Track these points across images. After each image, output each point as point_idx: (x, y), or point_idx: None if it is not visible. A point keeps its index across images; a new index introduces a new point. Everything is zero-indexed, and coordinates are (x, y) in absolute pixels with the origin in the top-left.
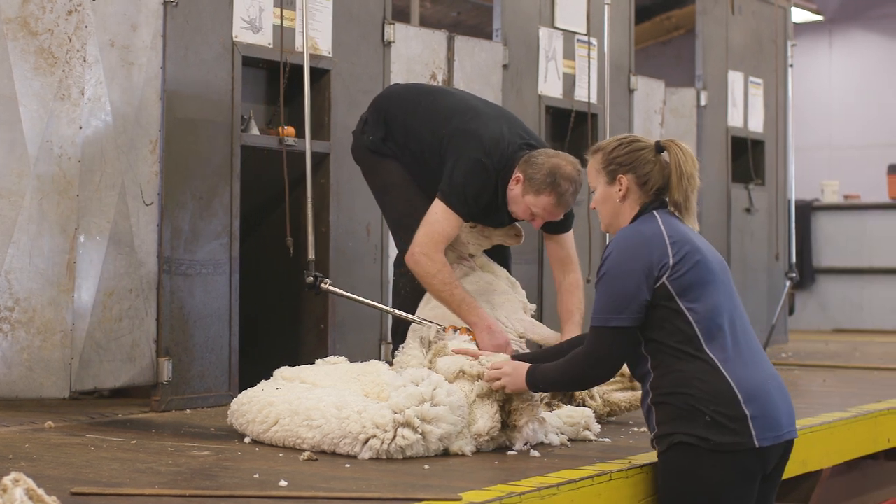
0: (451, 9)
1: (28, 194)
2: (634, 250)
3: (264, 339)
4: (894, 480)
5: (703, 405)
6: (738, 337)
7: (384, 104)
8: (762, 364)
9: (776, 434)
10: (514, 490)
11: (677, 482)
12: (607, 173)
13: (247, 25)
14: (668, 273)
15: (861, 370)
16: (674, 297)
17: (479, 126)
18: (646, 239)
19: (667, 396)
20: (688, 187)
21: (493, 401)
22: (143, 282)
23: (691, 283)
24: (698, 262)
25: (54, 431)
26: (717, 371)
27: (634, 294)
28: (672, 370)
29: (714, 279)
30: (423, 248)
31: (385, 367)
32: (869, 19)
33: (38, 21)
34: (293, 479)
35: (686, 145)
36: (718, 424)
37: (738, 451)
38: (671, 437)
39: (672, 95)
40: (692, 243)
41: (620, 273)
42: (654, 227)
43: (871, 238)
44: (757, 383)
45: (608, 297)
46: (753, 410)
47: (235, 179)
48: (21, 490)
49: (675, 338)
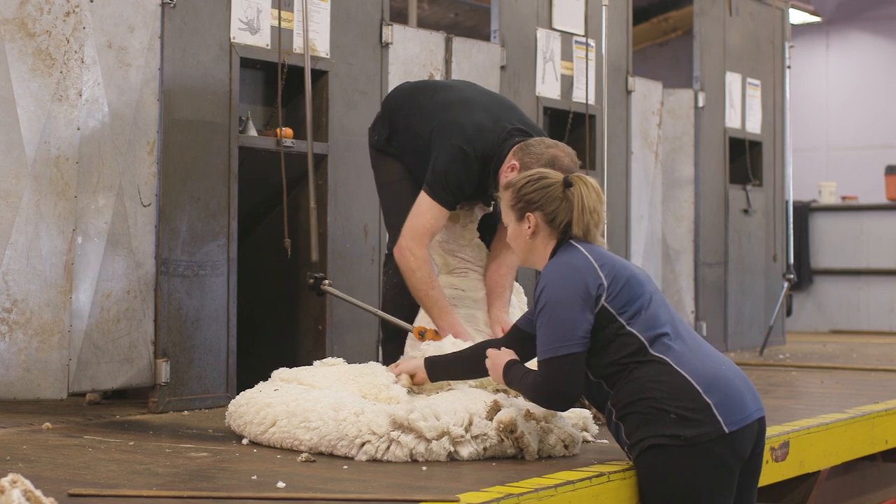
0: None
1: (26, 195)
2: (568, 279)
3: (262, 340)
4: (892, 482)
5: (666, 404)
6: (682, 335)
7: (390, 103)
8: (711, 354)
9: (743, 416)
10: (512, 492)
11: (655, 485)
12: (516, 211)
13: (245, 26)
14: (605, 294)
15: (858, 371)
16: (615, 317)
17: (464, 116)
18: (576, 268)
19: (629, 407)
20: (589, 221)
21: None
22: (140, 283)
23: (627, 300)
24: (628, 280)
25: (52, 433)
26: (669, 368)
27: (578, 319)
28: (627, 381)
29: (644, 291)
30: (407, 241)
31: (383, 369)
32: (866, 20)
33: (35, 22)
34: (291, 481)
35: (593, 181)
36: (685, 419)
37: (710, 440)
38: (641, 443)
39: (670, 97)
40: (618, 264)
41: (560, 302)
42: (580, 256)
43: (868, 239)
44: (711, 371)
45: (553, 327)
46: (715, 398)
47: (233, 181)
48: (19, 491)
49: (623, 353)
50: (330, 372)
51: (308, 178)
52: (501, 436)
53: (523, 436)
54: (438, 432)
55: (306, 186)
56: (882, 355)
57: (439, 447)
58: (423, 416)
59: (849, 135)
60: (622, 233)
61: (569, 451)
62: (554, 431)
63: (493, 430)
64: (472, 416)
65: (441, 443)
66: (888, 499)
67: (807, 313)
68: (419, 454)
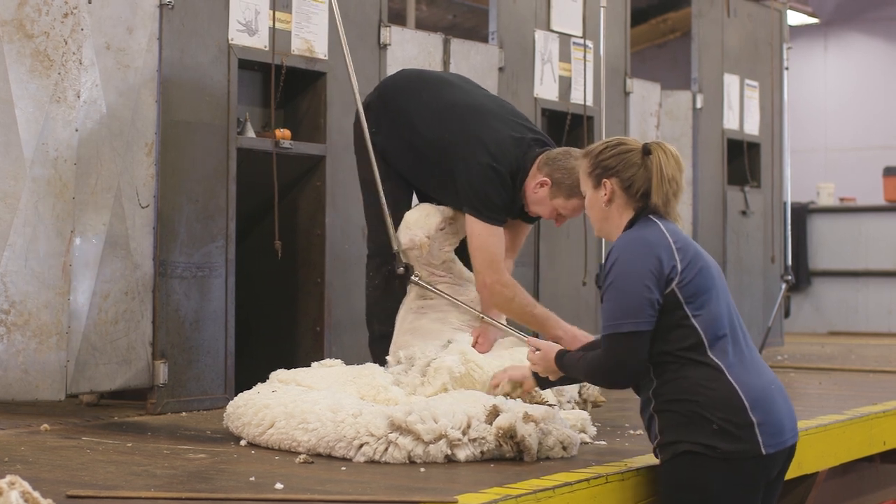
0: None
1: (24, 197)
2: (642, 254)
3: (260, 341)
4: (890, 483)
5: (710, 412)
6: (739, 342)
7: (387, 91)
8: (763, 369)
9: (781, 440)
10: (510, 493)
11: (681, 492)
12: (594, 178)
13: (243, 28)
14: (678, 279)
15: (856, 373)
16: (682, 305)
17: (483, 130)
18: (651, 243)
19: (670, 404)
20: (668, 191)
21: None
22: (138, 284)
23: (697, 290)
24: (702, 269)
25: (50, 434)
26: (722, 377)
27: (646, 296)
28: (676, 377)
29: (714, 285)
30: (491, 276)
31: (380, 370)
32: (864, 22)
33: (33, 24)
34: (289, 482)
35: (672, 148)
36: (726, 432)
37: (745, 459)
38: (675, 445)
39: (668, 98)
40: (695, 249)
41: (630, 277)
42: (657, 232)
43: (866, 240)
44: (760, 389)
45: (619, 301)
46: (759, 417)
47: (231, 182)
48: (17, 493)
49: (680, 345)
50: (328, 373)
51: (306, 180)
52: (500, 441)
53: (524, 439)
54: (436, 435)
55: (304, 188)
56: (880, 357)
57: (437, 450)
58: (421, 418)
59: (847, 136)
60: None
61: (567, 452)
62: (553, 433)
63: (491, 435)
64: (470, 419)
65: (438, 445)
66: (886, 499)
67: (805, 315)
68: (417, 456)
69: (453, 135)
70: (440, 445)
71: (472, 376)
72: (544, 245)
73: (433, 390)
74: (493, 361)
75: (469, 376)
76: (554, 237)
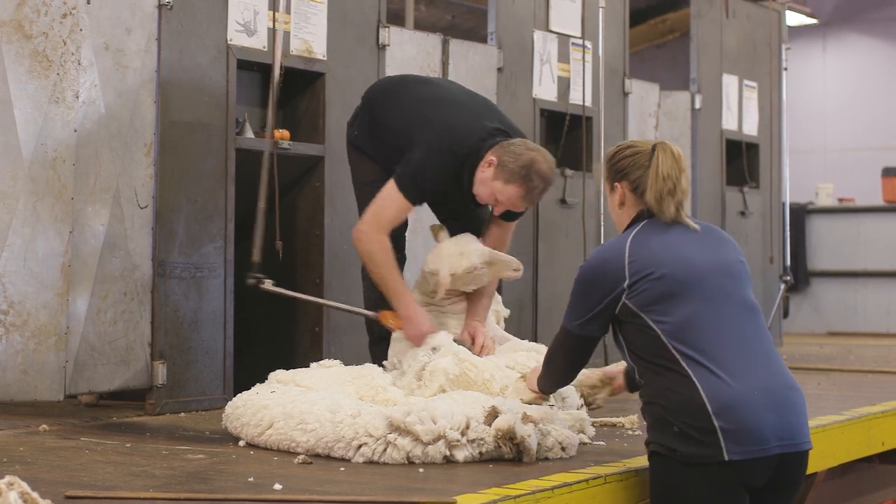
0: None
1: (22, 197)
2: (594, 272)
3: (259, 342)
4: (889, 483)
5: (672, 416)
6: (720, 348)
7: (371, 96)
8: (750, 376)
9: (755, 448)
10: (509, 493)
11: (657, 489)
12: (609, 182)
13: (241, 28)
14: (626, 293)
15: (855, 373)
16: (638, 314)
17: (444, 114)
18: (605, 263)
19: (647, 406)
20: (662, 188)
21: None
22: (137, 285)
23: (655, 298)
24: (663, 276)
25: (49, 435)
26: (689, 382)
27: (588, 312)
28: (651, 381)
29: (684, 291)
30: (366, 225)
31: (379, 371)
32: (863, 22)
33: (32, 24)
34: (288, 483)
35: (676, 148)
36: (686, 436)
37: (707, 464)
38: (649, 445)
39: (666, 99)
40: (659, 258)
41: (580, 289)
42: (619, 247)
43: (865, 241)
44: (733, 395)
45: (571, 305)
46: (725, 423)
47: (230, 182)
48: (15, 494)
49: (648, 351)
50: (327, 374)
51: (305, 180)
52: (499, 442)
53: (524, 440)
54: (434, 436)
55: (303, 188)
56: (879, 357)
57: (435, 451)
58: (420, 419)
59: (846, 137)
60: None
61: (566, 452)
62: (552, 433)
63: (490, 437)
64: (469, 420)
65: (437, 446)
66: (885, 500)
67: (804, 315)
68: (415, 457)
69: (419, 121)
70: (439, 446)
71: (469, 376)
72: (543, 245)
73: (431, 393)
74: (487, 361)
75: (465, 376)
76: (553, 237)
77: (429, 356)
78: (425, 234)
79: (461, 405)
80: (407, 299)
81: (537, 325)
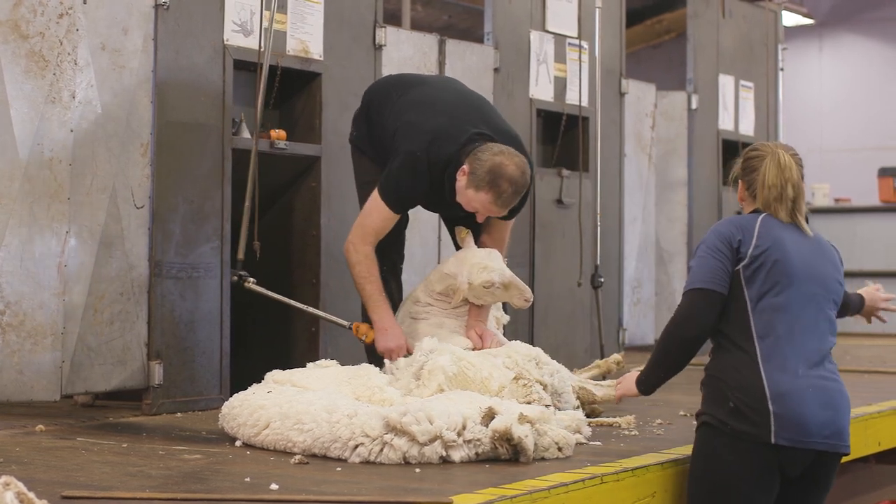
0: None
1: (19, 197)
2: (726, 229)
3: (255, 342)
4: (885, 483)
5: (731, 392)
6: (796, 344)
7: (369, 96)
8: (813, 374)
9: (800, 438)
10: (506, 493)
11: (699, 460)
12: (739, 180)
13: (238, 28)
14: (746, 258)
15: (851, 373)
16: (742, 287)
17: (425, 119)
18: (737, 223)
19: (709, 379)
20: (768, 196)
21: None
22: (133, 285)
23: (763, 279)
24: (776, 262)
25: (45, 435)
26: (755, 365)
27: (720, 264)
28: (720, 356)
29: (789, 284)
30: (353, 237)
31: (376, 371)
32: (859, 23)
33: (28, 24)
34: (284, 483)
35: (784, 154)
36: (739, 413)
37: (754, 442)
38: (702, 416)
39: (663, 99)
40: (779, 244)
41: (709, 246)
42: (751, 218)
43: (861, 241)
44: (792, 388)
45: (697, 266)
46: (778, 409)
47: (226, 183)
48: (12, 494)
49: (731, 325)
50: (324, 374)
51: (302, 180)
52: (496, 444)
53: (521, 441)
54: (431, 436)
55: (299, 188)
56: (875, 357)
57: (431, 451)
58: (417, 419)
59: (842, 137)
60: (616, 235)
61: (562, 452)
62: (548, 433)
63: (486, 438)
64: (465, 420)
65: (433, 447)
66: (882, 500)
67: None
68: (412, 457)
69: (400, 126)
70: (435, 447)
71: (467, 374)
72: (539, 245)
73: (430, 392)
74: (484, 360)
75: (463, 374)
76: (549, 237)
77: (426, 356)
78: (423, 234)
79: (458, 405)
80: (383, 312)
81: (533, 326)
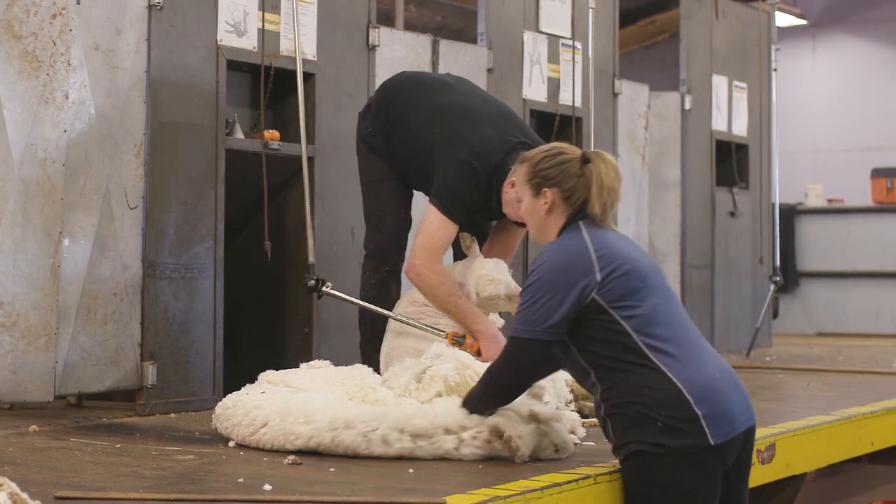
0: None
1: (12, 198)
2: (561, 268)
3: (248, 342)
4: (878, 483)
5: (654, 412)
6: (680, 337)
7: (388, 96)
8: (708, 360)
9: (731, 428)
10: (499, 494)
11: (639, 490)
12: (532, 186)
13: (231, 29)
14: (597, 289)
15: (844, 373)
16: (606, 310)
17: (467, 129)
18: (572, 257)
19: (618, 407)
20: (606, 200)
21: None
22: (127, 286)
23: (623, 293)
24: (628, 272)
25: (38, 435)
26: (663, 376)
27: (558, 310)
28: (619, 381)
29: (646, 284)
30: (422, 260)
31: (369, 371)
32: (852, 24)
33: (22, 24)
34: (277, 483)
35: (611, 157)
36: (672, 429)
37: (695, 452)
38: (627, 446)
39: (656, 99)
40: (620, 253)
41: (544, 289)
42: (579, 243)
43: (854, 242)
44: (705, 381)
45: (532, 309)
46: (705, 410)
47: (220, 183)
48: (4, 494)
49: (614, 348)
50: (317, 374)
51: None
52: (490, 437)
53: (510, 440)
54: None
55: (293, 189)
56: (868, 357)
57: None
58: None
59: (835, 137)
60: None
61: (559, 454)
62: (549, 434)
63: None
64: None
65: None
66: (874, 500)
67: (793, 316)
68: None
69: (441, 133)
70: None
71: (469, 385)
72: (533, 248)
73: (427, 397)
74: None
75: (465, 384)
76: None
77: (431, 360)
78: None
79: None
80: (486, 321)
81: None
